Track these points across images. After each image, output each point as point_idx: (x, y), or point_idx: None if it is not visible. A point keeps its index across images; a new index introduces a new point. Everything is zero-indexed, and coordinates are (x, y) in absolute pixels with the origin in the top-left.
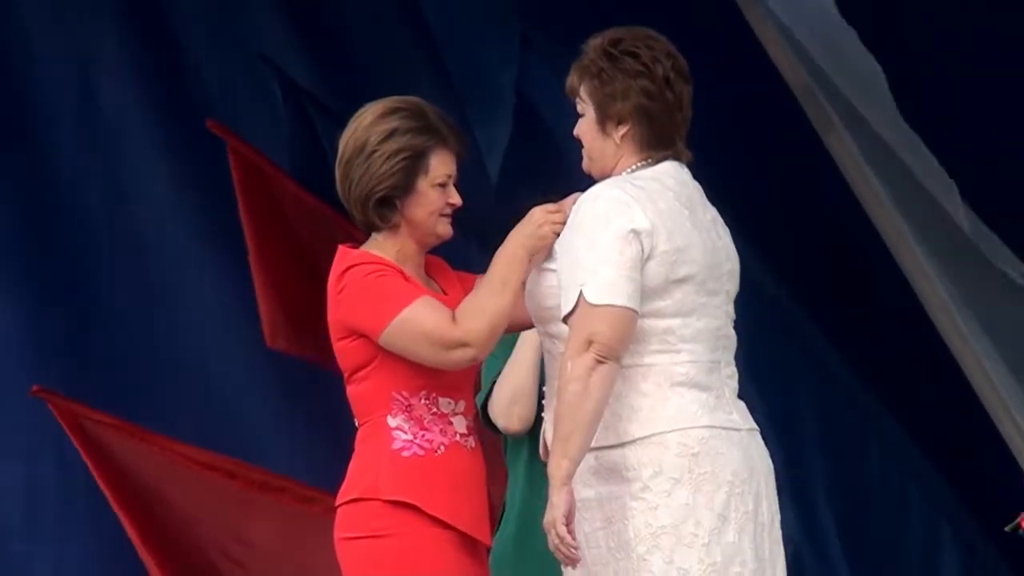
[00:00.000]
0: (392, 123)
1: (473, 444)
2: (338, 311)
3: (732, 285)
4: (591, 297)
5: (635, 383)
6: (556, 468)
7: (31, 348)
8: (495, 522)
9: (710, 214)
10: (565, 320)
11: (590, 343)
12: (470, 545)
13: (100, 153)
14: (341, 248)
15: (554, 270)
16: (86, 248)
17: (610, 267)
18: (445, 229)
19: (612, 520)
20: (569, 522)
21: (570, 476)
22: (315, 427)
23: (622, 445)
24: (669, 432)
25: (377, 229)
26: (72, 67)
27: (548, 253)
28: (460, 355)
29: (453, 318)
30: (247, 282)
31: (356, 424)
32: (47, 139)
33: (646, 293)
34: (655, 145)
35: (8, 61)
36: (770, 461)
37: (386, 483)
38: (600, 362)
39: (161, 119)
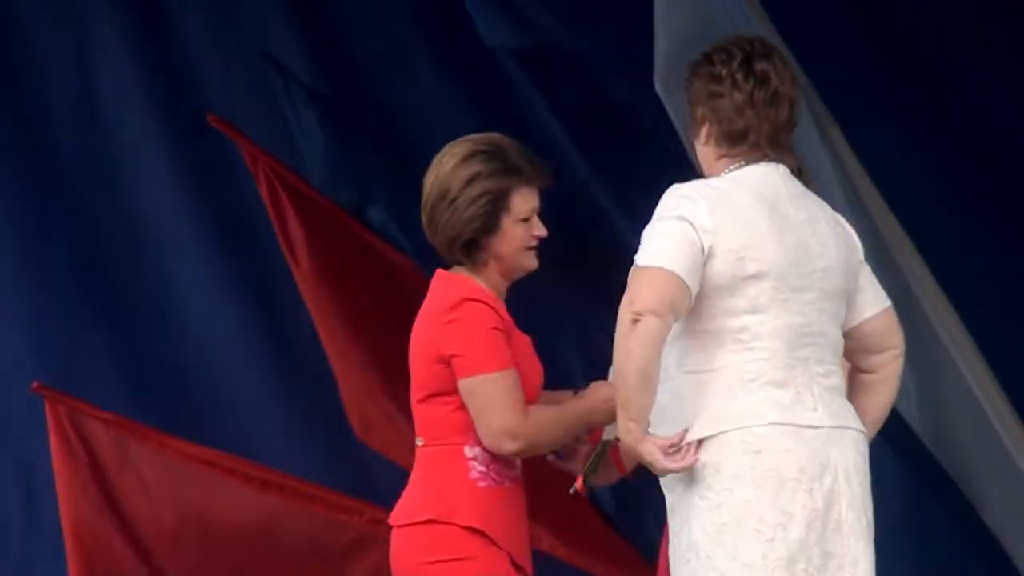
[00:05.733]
0: (473, 167)
1: (520, 476)
2: (442, 336)
3: (828, 283)
4: (639, 261)
5: (706, 385)
6: (627, 433)
7: (31, 344)
8: None
9: (804, 214)
10: None
11: (632, 301)
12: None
13: (100, 149)
14: (441, 272)
15: None
16: (86, 244)
17: (663, 239)
18: (531, 262)
19: (685, 521)
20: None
21: (643, 434)
22: (316, 424)
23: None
24: (733, 431)
25: (463, 265)
26: (72, 63)
27: None
28: (508, 445)
29: (525, 410)
30: (248, 278)
31: (418, 441)
32: (47, 135)
33: (716, 291)
34: (729, 143)
35: (7, 57)
36: (859, 459)
37: (464, 510)
38: (635, 320)
39: (161, 115)
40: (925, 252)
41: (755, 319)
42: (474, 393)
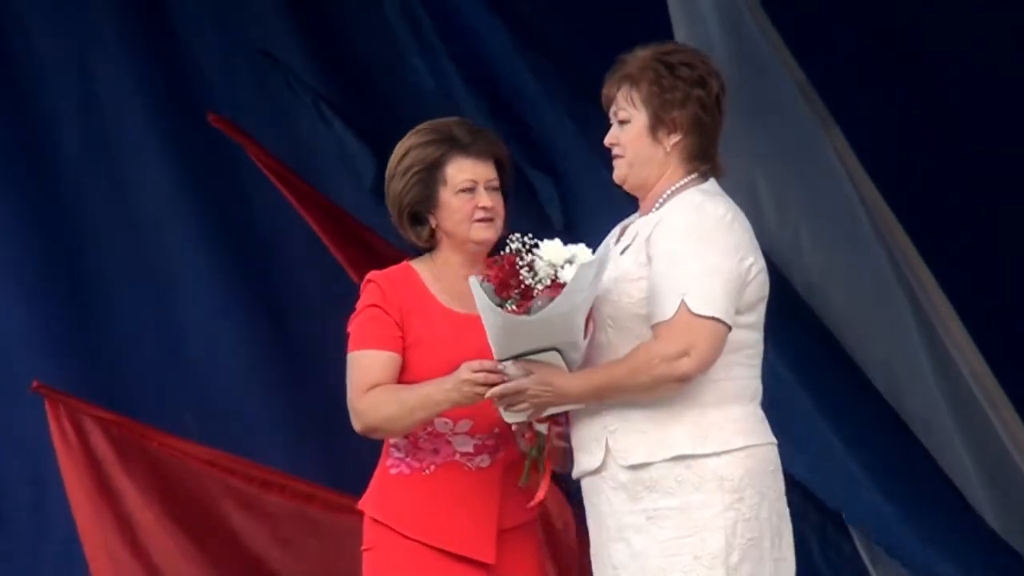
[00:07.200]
0: (407, 143)
1: (486, 463)
2: None
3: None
4: (695, 307)
5: (728, 394)
6: (577, 393)
7: (35, 343)
8: None
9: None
10: (656, 325)
11: (685, 354)
12: (461, 563)
13: (101, 148)
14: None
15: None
16: (87, 243)
17: (717, 279)
18: (480, 234)
19: (701, 528)
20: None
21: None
22: (315, 424)
23: (718, 455)
24: (762, 445)
25: (423, 247)
26: (73, 63)
27: (645, 259)
28: (353, 419)
29: (372, 387)
30: (249, 278)
31: None
32: (47, 135)
33: (743, 308)
34: (701, 158)
35: (8, 57)
36: None
37: (373, 499)
38: (682, 380)
39: (162, 114)
40: (925, 252)
41: (757, 337)
42: (347, 368)
